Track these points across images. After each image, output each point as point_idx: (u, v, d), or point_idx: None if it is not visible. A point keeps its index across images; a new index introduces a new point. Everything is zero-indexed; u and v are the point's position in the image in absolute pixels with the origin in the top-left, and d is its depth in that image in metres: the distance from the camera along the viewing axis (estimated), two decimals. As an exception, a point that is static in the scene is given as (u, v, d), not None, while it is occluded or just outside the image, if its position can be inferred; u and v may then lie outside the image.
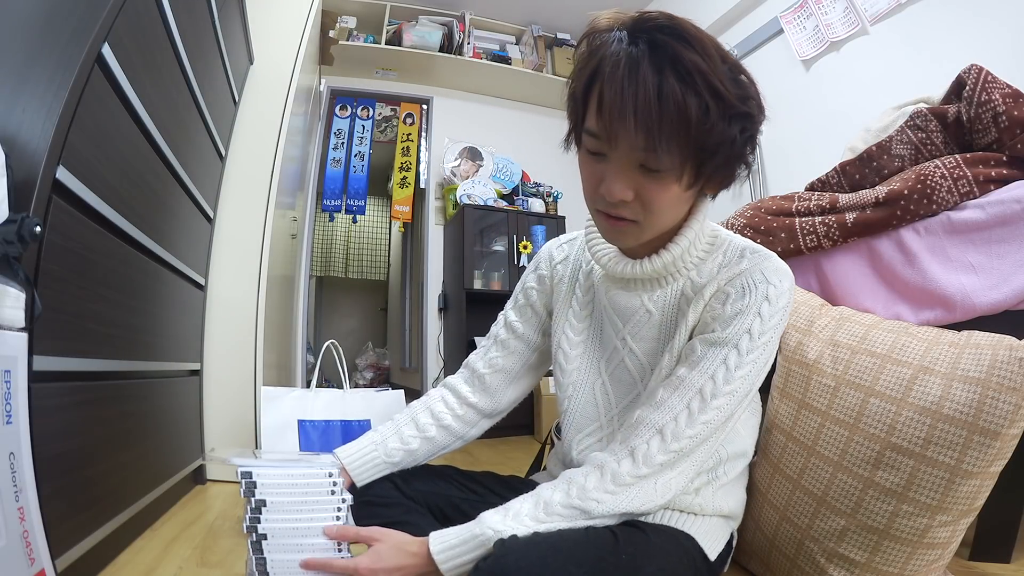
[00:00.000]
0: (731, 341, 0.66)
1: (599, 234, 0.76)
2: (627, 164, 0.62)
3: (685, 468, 0.67)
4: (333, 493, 0.73)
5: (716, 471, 0.80)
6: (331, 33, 3.02)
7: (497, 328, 0.93)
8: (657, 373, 0.74)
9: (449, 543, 0.64)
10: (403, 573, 0.65)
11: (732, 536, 0.85)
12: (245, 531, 0.69)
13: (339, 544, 0.72)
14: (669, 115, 0.57)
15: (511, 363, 0.90)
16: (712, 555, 0.75)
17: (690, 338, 0.72)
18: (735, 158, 0.64)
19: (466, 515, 0.86)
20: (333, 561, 0.68)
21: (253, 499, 0.70)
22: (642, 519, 0.75)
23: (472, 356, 0.93)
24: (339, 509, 0.73)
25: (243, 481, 0.70)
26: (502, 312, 0.95)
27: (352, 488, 0.81)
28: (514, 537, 0.62)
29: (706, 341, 0.68)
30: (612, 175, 0.63)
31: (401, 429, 0.87)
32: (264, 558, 0.68)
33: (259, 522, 0.69)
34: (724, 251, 0.73)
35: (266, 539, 0.69)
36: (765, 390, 1.05)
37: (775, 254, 0.72)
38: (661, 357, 0.75)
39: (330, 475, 0.74)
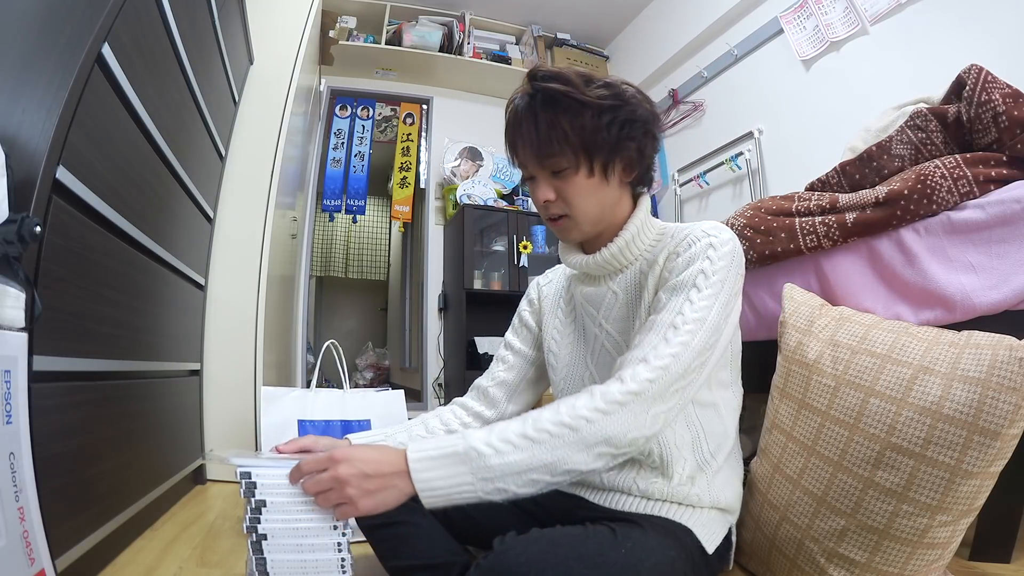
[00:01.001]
0: (688, 282, 0.74)
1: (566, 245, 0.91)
2: (542, 176, 0.81)
3: (672, 402, 0.68)
4: None
5: (702, 452, 0.81)
6: (331, 33, 3.02)
7: (498, 350, 1.06)
8: (632, 338, 0.80)
9: (427, 454, 0.64)
10: (378, 467, 0.64)
11: (731, 532, 0.85)
12: (245, 531, 0.69)
13: (339, 545, 0.72)
14: (544, 132, 0.78)
15: (511, 376, 1.02)
16: (710, 548, 0.76)
17: (652, 299, 0.80)
18: (618, 140, 0.79)
19: (462, 510, 0.87)
20: (305, 463, 0.68)
21: (253, 499, 0.69)
22: (638, 512, 0.76)
23: (478, 379, 1.04)
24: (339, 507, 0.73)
25: (243, 481, 0.70)
26: (503, 338, 1.07)
27: None
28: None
29: (667, 289, 0.76)
30: (537, 186, 0.82)
31: (411, 428, 0.96)
32: (264, 558, 0.68)
33: (259, 522, 0.69)
34: (672, 235, 0.83)
35: (266, 539, 0.69)
36: (765, 389, 1.05)
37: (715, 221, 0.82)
38: (633, 329, 0.82)
39: None
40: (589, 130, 0.77)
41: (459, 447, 0.63)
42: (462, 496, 0.63)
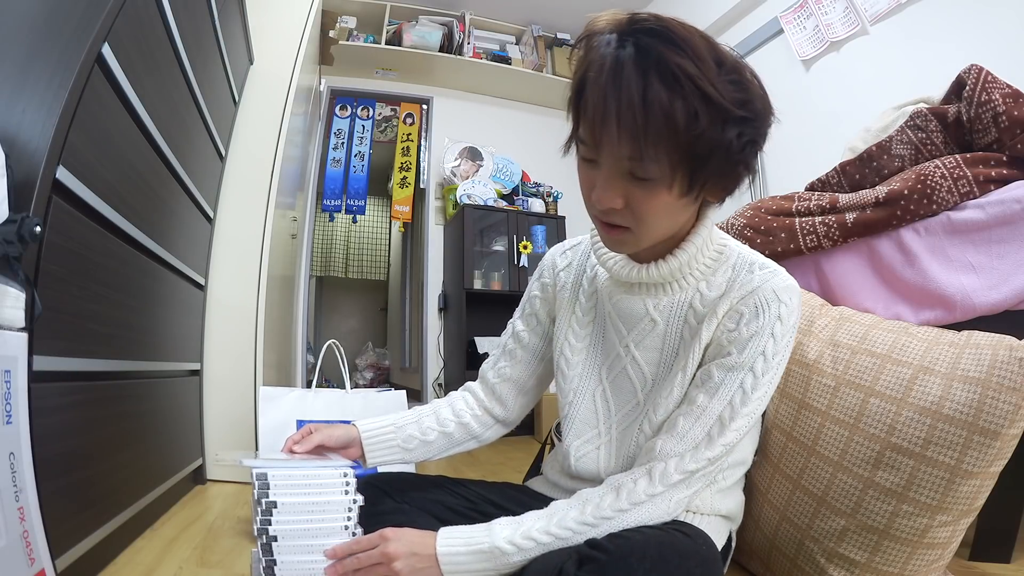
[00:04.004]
0: (747, 364, 0.67)
1: None
2: (616, 172, 0.61)
3: (697, 486, 0.69)
4: (346, 493, 0.73)
5: (715, 477, 0.80)
6: (331, 33, 3.02)
7: (506, 338, 0.93)
8: (668, 393, 0.73)
9: (456, 549, 0.65)
10: (424, 548, 0.65)
11: (731, 536, 0.85)
12: (255, 534, 0.69)
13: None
14: (655, 121, 0.55)
15: (518, 373, 0.91)
16: None
17: (702, 355, 0.72)
18: (733, 164, 0.61)
19: (465, 517, 0.85)
20: (354, 543, 0.69)
21: (265, 500, 0.69)
22: None
23: (484, 365, 0.94)
24: (350, 510, 0.73)
25: (257, 483, 0.70)
26: (511, 321, 0.94)
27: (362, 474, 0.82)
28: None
29: (723, 366, 0.68)
30: (602, 183, 0.62)
31: (422, 420, 0.88)
32: (274, 559, 0.68)
33: (270, 524, 0.69)
34: (733, 264, 0.72)
35: (276, 541, 0.69)
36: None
37: (783, 269, 0.71)
38: (668, 372, 0.75)
39: (344, 475, 0.74)
40: (706, 143, 0.57)
41: (484, 544, 0.65)
42: None
